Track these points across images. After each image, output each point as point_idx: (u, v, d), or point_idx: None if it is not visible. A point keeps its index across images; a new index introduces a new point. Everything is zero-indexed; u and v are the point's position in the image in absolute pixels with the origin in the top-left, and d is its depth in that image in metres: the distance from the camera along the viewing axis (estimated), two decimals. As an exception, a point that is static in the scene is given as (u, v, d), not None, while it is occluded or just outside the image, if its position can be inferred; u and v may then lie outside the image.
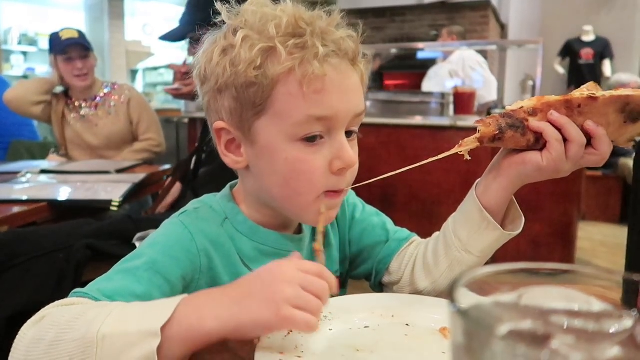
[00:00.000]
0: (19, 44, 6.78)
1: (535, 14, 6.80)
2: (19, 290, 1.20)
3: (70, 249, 1.26)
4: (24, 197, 1.51)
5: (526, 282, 0.31)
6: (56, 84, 2.37)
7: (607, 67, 6.17)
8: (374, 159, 2.83)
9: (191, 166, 1.61)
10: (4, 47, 6.48)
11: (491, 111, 2.87)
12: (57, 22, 6.27)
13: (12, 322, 1.13)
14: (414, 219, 2.84)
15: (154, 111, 2.58)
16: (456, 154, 0.62)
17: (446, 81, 3.92)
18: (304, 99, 0.60)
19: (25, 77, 6.28)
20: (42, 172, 1.97)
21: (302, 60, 0.59)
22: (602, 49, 6.18)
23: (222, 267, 0.66)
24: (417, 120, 2.97)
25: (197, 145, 1.61)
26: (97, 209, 1.59)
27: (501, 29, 5.98)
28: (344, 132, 0.63)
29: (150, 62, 7.26)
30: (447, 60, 4.16)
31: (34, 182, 1.77)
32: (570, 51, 6.34)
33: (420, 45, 4.32)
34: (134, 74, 7.44)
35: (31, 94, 2.32)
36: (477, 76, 3.92)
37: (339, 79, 0.61)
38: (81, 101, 2.40)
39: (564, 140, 0.60)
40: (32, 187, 1.69)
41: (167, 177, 1.95)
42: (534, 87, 3.63)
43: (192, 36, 1.42)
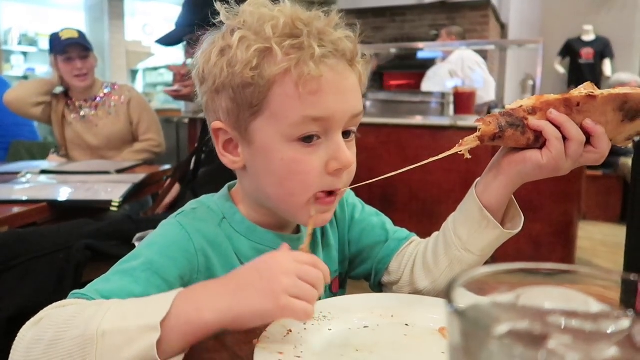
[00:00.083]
0: (19, 44, 6.80)
1: (535, 14, 6.80)
2: (18, 290, 1.20)
3: (70, 250, 1.26)
4: (24, 198, 1.51)
5: (524, 282, 0.31)
6: (56, 84, 2.37)
7: (607, 66, 6.17)
8: (374, 159, 2.83)
9: (191, 167, 1.61)
10: (4, 47, 6.49)
11: (491, 110, 2.87)
12: (57, 22, 6.28)
13: (12, 322, 1.13)
14: (414, 218, 2.84)
15: (154, 111, 2.58)
16: (456, 153, 0.62)
17: (446, 81, 3.92)
18: (299, 100, 0.60)
19: (25, 78, 6.29)
20: (42, 172, 1.96)
21: (298, 60, 0.59)
22: (602, 48, 6.18)
23: (220, 267, 0.66)
24: (417, 120, 2.97)
25: (196, 145, 1.60)
26: (97, 209, 1.59)
27: (501, 28, 5.97)
28: (340, 132, 0.63)
29: (150, 62, 7.27)
30: (446, 60, 4.16)
31: (34, 183, 1.77)
32: (570, 51, 6.34)
33: (420, 45, 4.32)
34: (134, 74, 7.45)
35: (31, 95, 2.32)
36: (475, 76, 3.92)
37: (336, 79, 0.61)
38: (81, 101, 2.40)
39: (564, 138, 0.60)
40: (32, 188, 1.69)
41: (167, 178, 1.95)
42: (534, 86, 3.63)
43: (189, 38, 1.42)
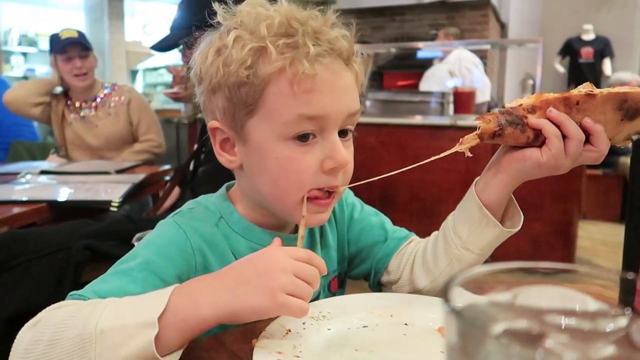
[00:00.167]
0: (19, 44, 6.81)
1: (535, 13, 6.80)
2: (18, 291, 1.19)
3: (69, 250, 1.26)
4: (24, 198, 1.51)
5: (523, 281, 0.31)
6: (56, 84, 2.37)
7: (607, 65, 6.16)
8: (374, 158, 2.83)
9: (190, 168, 1.61)
10: (4, 48, 6.50)
11: (491, 109, 2.87)
12: (57, 22, 6.28)
13: (11, 323, 1.13)
14: (414, 218, 2.84)
15: (154, 112, 2.58)
16: (456, 152, 0.62)
17: (445, 81, 3.92)
18: (294, 98, 0.60)
19: (25, 78, 6.29)
20: (42, 172, 1.96)
21: (292, 59, 0.59)
22: (602, 47, 6.17)
23: (217, 266, 0.65)
24: (417, 119, 2.97)
25: (195, 147, 1.60)
26: (97, 209, 1.59)
27: (501, 28, 5.97)
28: (336, 131, 0.63)
29: (150, 62, 7.27)
30: (444, 61, 4.18)
31: (34, 183, 1.77)
32: (570, 50, 6.33)
33: (419, 44, 4.32)
34: (134, 74, 7.45)
35: (31, 95, 2.32)
36: (472, 77, 3.93)
37: (331, 78, 0.61)
38: (81, 102, 2.40)
39: (563, 137, 0.60)
40: (32, 188, 1.69)
41: (167, 181, 1.95)
42: (534, 86, 3.64)
43: (186, 40, 1.41)
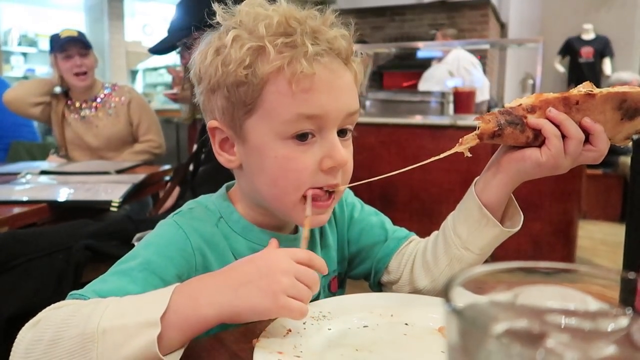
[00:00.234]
0: (19, 45, 6.81)
1: (535, 13, 6.80)
2: (18, 291, 1.20)
3: (69, 250, 1.26)
4: (24, 198, 1.51)
5: (523, 281, 0.31)
6: (56, 84, 2.36)
7: (607, 65, 6.16)
8: (374, 158, 2.83)
9: (190, 168, 1.61)
10: (3, 48, 6.50)
11: (490, 109, 2.87)
12: (57, 23, 6.28)
13: (11, 323, 1.13)
14: (415, 218, 2.84)
15: (154, 112, 2.58)
16: (456, 152, 0.62)
17: (445, 81, 3.93)
18: (292, 98, 0.60)
19: (25, 78, 6.28)
20: (42, 173, 1.96)
21: (291, 59, 0.59)
22: (602, 47, 6.17)
23: (217, 266, 0.65)
24: (417, 119, 2.97)
25: (195, 148, 1.60)
26: (97, 209, 1.59)
27: (501, 27, 5.98)
28: (335, 130, 0.63)
29: (150, 62, 7.26)
30: (442, 61, 4.19)
31: (34, 183, 1.77)
32: (570, 50, 6.33)
33: (419, 44, 4.32)
34: (134, 74, 7.45)
35: (31, 95, 2.31)
36: (470, 77, 3.93)
37: (330, 77, 0.61)
38: (81, 102, 2.40)
39: (563, 136, 0.60)
40: (32, 188, 1.69)
41: (167, 181, 1.95)
42: (534, 85, 3.63)
43: (185, 41, 1.41)
